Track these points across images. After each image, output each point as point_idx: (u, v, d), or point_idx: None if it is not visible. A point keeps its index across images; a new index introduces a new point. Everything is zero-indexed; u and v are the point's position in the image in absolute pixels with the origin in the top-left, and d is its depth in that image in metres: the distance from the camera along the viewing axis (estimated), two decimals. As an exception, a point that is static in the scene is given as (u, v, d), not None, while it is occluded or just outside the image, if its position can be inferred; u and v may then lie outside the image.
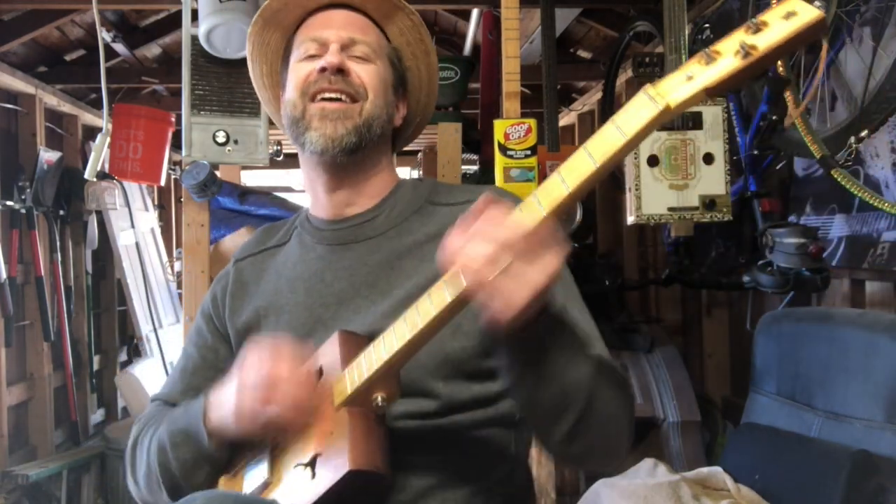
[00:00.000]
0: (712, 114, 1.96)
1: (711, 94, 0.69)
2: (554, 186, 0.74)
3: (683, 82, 0.69)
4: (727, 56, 0.68)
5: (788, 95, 1.88)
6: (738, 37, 0.68)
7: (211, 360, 1.12)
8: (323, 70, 1.01)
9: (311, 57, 1.04)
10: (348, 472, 0.79)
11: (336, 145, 1.01)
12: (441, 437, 0.96)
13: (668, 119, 0.71)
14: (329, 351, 0.93)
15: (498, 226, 0.75)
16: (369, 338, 0.89)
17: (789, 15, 0.67)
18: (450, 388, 0.96)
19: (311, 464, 0.85)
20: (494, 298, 0.74)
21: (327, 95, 1.02)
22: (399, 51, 1.12)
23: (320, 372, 0.92)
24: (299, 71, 1.05)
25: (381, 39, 1.09)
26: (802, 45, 0.72)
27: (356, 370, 0.86)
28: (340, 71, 1.01)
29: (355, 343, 0.91)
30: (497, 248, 0.73)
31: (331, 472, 0.81)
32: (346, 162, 1.04)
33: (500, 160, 1.90)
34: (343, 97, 1.02)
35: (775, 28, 0.67)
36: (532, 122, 1.90)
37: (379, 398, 0.85)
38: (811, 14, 0.66)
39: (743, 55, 0.67)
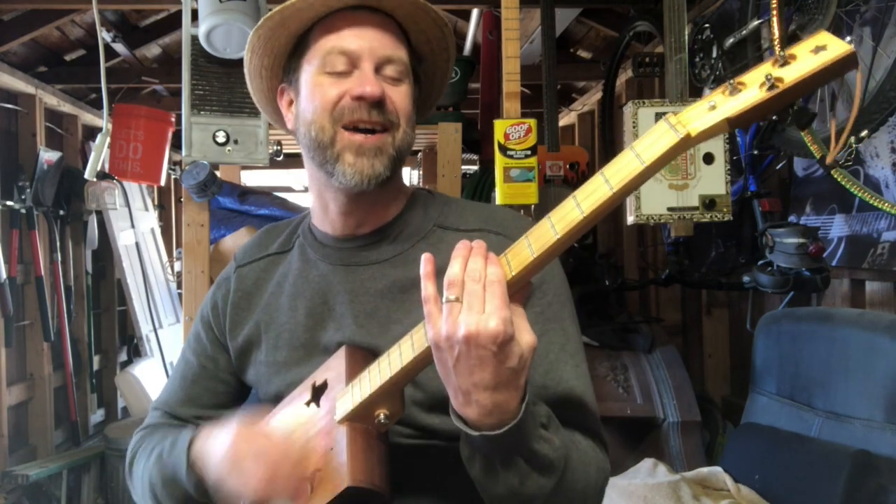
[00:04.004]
0: (712, 113, 1.96)
1: (734, 125, 0.68)
2: (568, 210, 0.73)
3: (706, 112, 0.69)
4: (752, 88, 0.67)
5: (806, 135, 1.81)
6: (765, 69, 0.67)
7: (211, 369, 1.11)
8: (359, 98, 0.94)
9: (340, 74, 0.96)
10: (346, 488, 0.79)
11: (373, 182, 0.96)
12: (442, 457, 0.96)
13: (688, 148, 0.70)
14: (335, 365, 0.92)
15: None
16: (376, 355, 0.88)
17: (818, 49, 0.65)
18: (448, 423, 0.93)
19: (311, 478, 0.84)
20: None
21: (362, 127, 0.95)
22: (421, 58, 1.05)
23: (324, 386, 0.92)
24: (326, 89, 0.96)
25: (408, 52, 1.01)
26: (831, 80, 0.69)
27: (359, 386, 0.85)
28: (379, 101, 0.95)
29: (362, 358, 0.90)
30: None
31: (329, 489, 0.81)
32: (375, 190, 0.98)
33: (500, 160, 1.90)
34: (378, 127, 0.96)
35: (803, 61, 0.66)
36: (532, 122, 1.90)
37: (381, 415, 0.85)
38: (841, 49, 0.65)
39: (768, 87, 0.66)
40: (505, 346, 0.73)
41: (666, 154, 0.69)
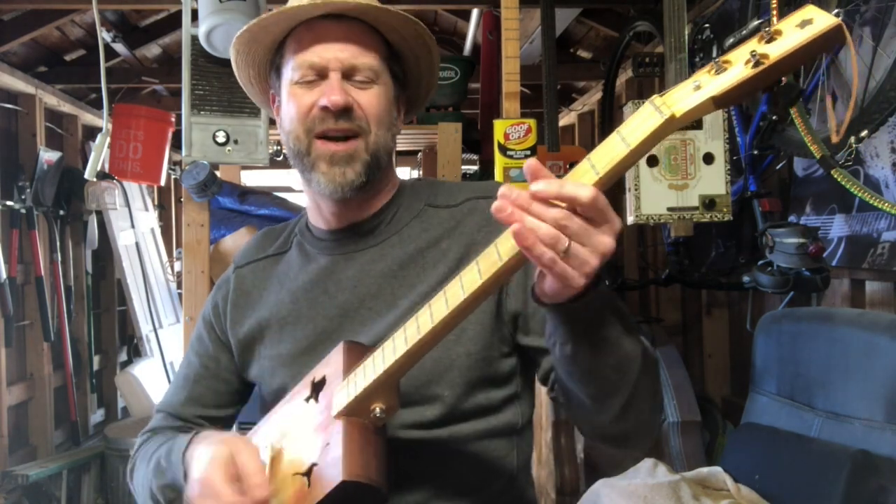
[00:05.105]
0: (712, 114, 1.96)
1: (720, 104, 0.67)
2: None
3: (691, 92, 0.68)
4: (737, 65, 0.66)
5: (806, 134, 1.80)
6: (750, 45, 0.66)
7: (213, 369, 1.12)
8: (325, 109, 0.97)
9: (310, 83, 0.99)
10: (341, 482, 0.78)
11: (347, 189, 0.99)
12: (441, 449, 0.96)
13: (674, 129, 0.69)
14: (333, 360, 0.93)
15: (565, 185, 0.69)
16: (374, 348, 0.88)
17: (804, 23, 0.64)
18: (453, 395, 0.95)
19: (308, 473, 0.84)
20: (562, 271, 0.69)
21: (333, 136, 0.98)
22: (399, 55, 1.06)
23: (323, 381, 0.92)
24: (299, 100, 0.99)
25: (380, 55, 1.02)
26: (818, 55, 0.68)
27: (355, 380, 0.86)
28: (345, 109, 0.97)
29: (359, 353, 0.91)
30: (562, 222, 0.68)
31: (325, 483, 0.81)
32: (355, 195, 1.01)
33: (499, 160, 1.90)
34: (350, 134, 0.98)
35: (789, 37, 0.65)
36: (532, 122, 1.90)
37: (377, 409, 0.85)
38: (827, 22, 0.63)
39: (753, 64, 0.65)
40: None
41: (651, 136, 0.68)
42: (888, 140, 1.89)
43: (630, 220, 2.00)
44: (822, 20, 0.64)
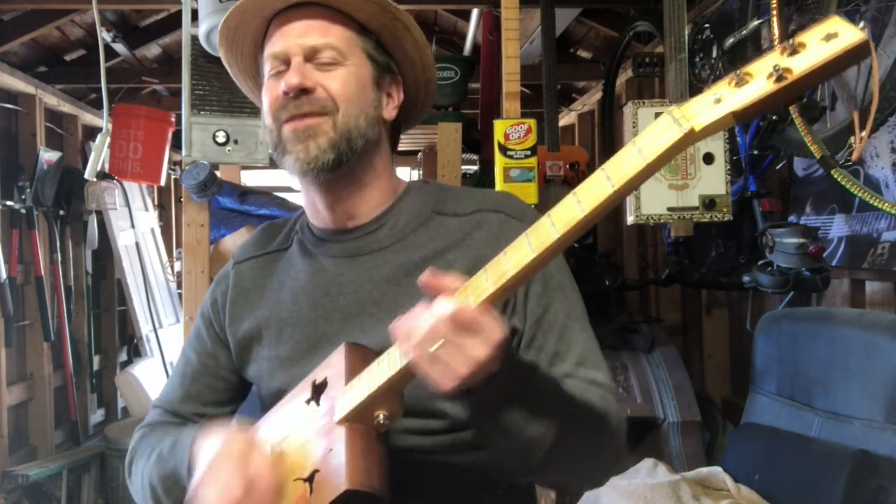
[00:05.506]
0: (712, 114, 1.96)
1: (740, 119, 0.64)
2: (569, 207, 0.71)
3: (710, 105, 0.65)
4: (759, 78, 0.63)
5: (806, 134, 1.76)
6: (773, 58, 0.63)
7: (211, 366, 1.11)
8: (286, 92, 0.96)
9: (278, 74, 0.99)
10: (344, 491, 0.78)
11: (313, 166, 0.96)
12: (445, 453, 0.96)
13: (692, 143, 0.67)
14: (335, 362, 0.91)
15: (434, 308, 0.76)
16: (376, 352, 0.87)
17: (829, 37, 0.61)
18: (456, 408, 0.94)
19: (310, 479, 0.84)
20: (428, 375, 0.76)
21: (298, 118, 0.98)
22: (378, 34, 1.03)
23: (324, 384, 0.91)
24: (270, 91, 1.00)
25: (349, 33, 1.00)
26: (843, 70, 0.65)
27: (359, 386, 0.84)
28: (304, 91, 0.96)
29: (362, 356, 0.89)
30: (428, 331, 0.75)
31: (328, 491, 0.80)
32: (333, 178, 0.99)
33: (499, 160, 1.90)
34: (312, 114, 0.97)
35: (813, 50, 0.61)
36: (532, 122, 1.90)
37: (381, 416, 0.83)
38: (854, 37, 0.60)
39: (776, 78, 0.61)
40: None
41: (669, 149, 0.66)
42: (888, 140, 1.89)
43: (630, 220, 2.00)
44: (848, 35, 0.60)
